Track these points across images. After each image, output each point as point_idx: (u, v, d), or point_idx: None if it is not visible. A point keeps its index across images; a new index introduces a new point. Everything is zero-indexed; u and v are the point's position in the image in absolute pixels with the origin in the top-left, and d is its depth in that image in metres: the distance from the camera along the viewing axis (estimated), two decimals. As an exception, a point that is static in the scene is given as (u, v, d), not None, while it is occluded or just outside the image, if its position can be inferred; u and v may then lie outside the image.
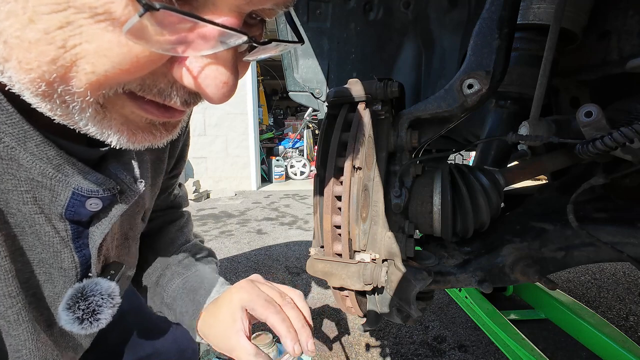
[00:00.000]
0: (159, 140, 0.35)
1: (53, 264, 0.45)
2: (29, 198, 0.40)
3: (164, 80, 0.29)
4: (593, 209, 0.64)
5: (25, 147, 0.37)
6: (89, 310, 0.47)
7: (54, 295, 0.47)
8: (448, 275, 0.62)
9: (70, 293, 0.47)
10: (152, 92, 0.30)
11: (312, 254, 0.58)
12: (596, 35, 0.75)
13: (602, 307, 1.86)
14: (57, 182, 0.40)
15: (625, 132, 0.46)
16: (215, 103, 0.30)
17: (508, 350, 1.29)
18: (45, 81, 0.26)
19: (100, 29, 0.24)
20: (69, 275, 0.47)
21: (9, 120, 0.35)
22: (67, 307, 0.46)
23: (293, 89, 1.20)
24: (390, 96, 0.57)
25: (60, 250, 0.45)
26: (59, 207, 0.42)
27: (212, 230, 3.42)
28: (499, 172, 0.66)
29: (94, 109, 0.29)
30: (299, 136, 7.25)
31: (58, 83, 0.26)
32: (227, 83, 0.29)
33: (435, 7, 1.02)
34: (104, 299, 0.48)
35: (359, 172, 0.52)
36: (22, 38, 0.24)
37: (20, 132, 0.36)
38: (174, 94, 0.31)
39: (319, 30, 1.11)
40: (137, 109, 0.31)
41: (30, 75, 0.26)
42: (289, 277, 2.30)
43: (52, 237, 0.43)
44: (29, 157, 0.37)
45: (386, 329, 1.70)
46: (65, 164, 0.40)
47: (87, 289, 0.47)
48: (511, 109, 0.84)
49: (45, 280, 0.46)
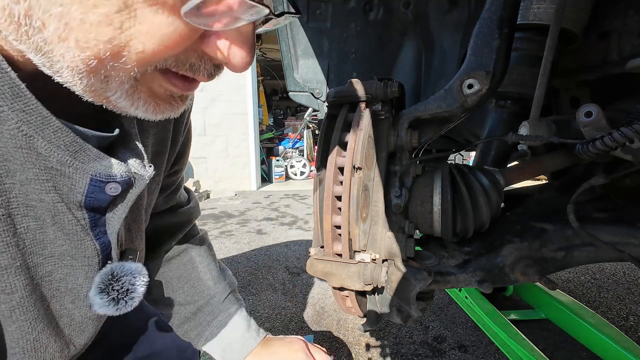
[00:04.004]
0: (176, 110, 0.40)
1: (75, 255, 0.46)
2: (50, 187, 0.40)
3: (194, 55, 0.34)
4: (593, 209, 0.64)
5: (43, 134, 0.37)
6: (123, 290, 0.49)
7: (78, 287, 0.47)
8: (448, 275, 0.62)
9: (100, 278, 0.48)
10: (185, 67, 0.34)
11: (312, 254, 0.58)
12: (596, 35, 0.75)
13: (602, 307, 1.86)
14: (74, 169, 0.40)
15: (625, 132, 0.46)
16: (238, 71, 0.35)
17: (508, 350, 1.29)
18: (98, 58, 0.29)
19: (152, 11, 0.28)
20: (91, 264, 0.47)
21: (27, 108, 0.35)
22: (99, 291, 0.48)
23: (293, 89, 1.20)
24: (390, 96, 0.57)
25: (83, 238, 0.45)
26: (79, 195, 0.42)
27: (212, 231, 3.42)
28: (499, 172, 0.66)
29: (130, 83, 0.33)
30: (299, 136, 7.24)
31: (109, 60, 0.30)
32: (250, 53, 0.34)
33: (435, 7, 1.02)
34: (135, 278, 0.50)
35: (359, 172, 0.52)
36: (85, 20, 0.28)
37: (39, 118, 0.36)
38: (202, 68, 0.35)
39: (319, 30, 1.11)
40: (166, 82, 0.36)
41: (85, 53, 0.29)
42: (289, 277, 2.30)
43: (74, 225, 0.44)
44: (47, 145, 0.38)
45: (386, 329, 1.70)
46: (81, 151, 0.40)
47: (116, 271, 0.49)
48: (511, 109, 0.84)
49: (67, 273, 0.46)
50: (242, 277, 2.29)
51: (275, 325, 1.74)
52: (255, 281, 2.24)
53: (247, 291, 2.09)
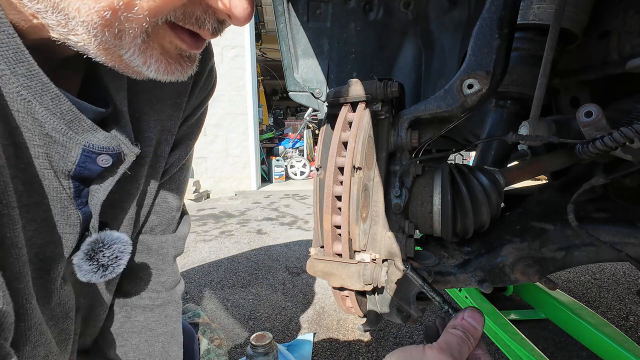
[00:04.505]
0: (185, 72, 0.41)
1: (59, 221, 0.46)
2: (41, 153, 0.41)
3: (199, 8, 0.36)
4: (593, 209, 0.64)
5: (41, 100, 0.38)
6: (112, 257, 0.50)
7: (56, 256, 0.47)
8: (448, 275, 0.62)
9: (89, 245, 0.49)
10: (191, 21, 0.36)
11: (312, 254, 0.58)
12: (596, 35, 0.75)
13: (602, 307, 1.86)
14: (67, 138, 0.41)
15: (625, 132, 0.46)
16: (240, 23, 0.37)
17: (508, 350, 1.29)
18: (112, 9, 0.31)
19: None
20: (73, 232, 0.48)
21: (29, 73, 0.36)
22: (88, 258, 0.48)
23: (293, 89, 1.20)
24: (390, 96, 0.57)
25: (67, 207, 0.46)
26: (70, 164, 0.43)
27: (212, 230, 3.42)
28: (499, 172, 0.66)
29: (142, 38, 0.35)
30: (299, 136, 7.25)
31: (122, 10, 0.31)
32: (250, 5, 0.36)
33: (435, 7, 1.02)
34: (124, 246, 0.52)
35: (359, 172, 0.52)
36: None
37: (39, 84, 0.37)
38: (207, 22, 0.37)
39: (319, 30, 1.11)
40: (175, 38, 0.37)
41: (100, 4, 0.31)
42: (289, 277, 2.30)
43: (60, 192, 0.44)
44: (44, 111, 0.39)
45: (386, 329, 1.70)
46: (76, 121, 0.41)
47: (106, 239, 0.50)
48: (511, 109, 0.84)
49: (48, 241, 0.46)
50: (242, 277, 2.30)
51: (275, 325, 1.74)
52: (255, 281, 2.24)
53: (247, 291, 2.09)
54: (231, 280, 2.25)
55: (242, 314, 1.83)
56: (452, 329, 0.40)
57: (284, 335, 1.64)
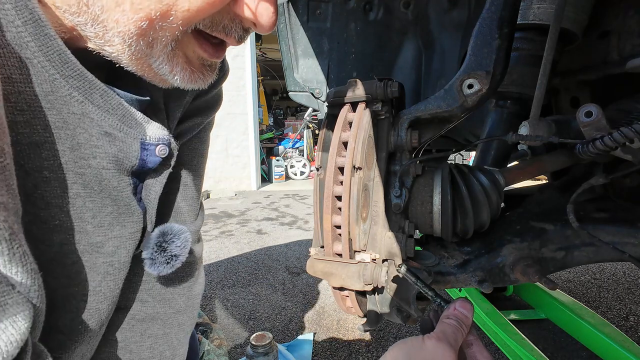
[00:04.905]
0: (207, 80, 0.42)
1: (125, 221, 0.46)
2: (100, 152, 0.41)
3: (227, 16, 0.37)
4: (593, 209, 0.64)
5: (92, 99, 0.38)
6: (183, 246, 0.52)
7: (127, 260, 0.48)
8: (448, 275, 0.62)
9: (160, 238, 0.50)
10: (218, 29, 0.37)
11: (312, 254, 0.58)
12: (596, 35, 0.75)
13: (602, 307, 1.86)
14: (125, 134, 0.42)
15: (625, 132, 0.46)
16: (265, 31, 0.38)
17: (508, 350, 1.29)
18: (149, 19, 0.32)
19: None
20: (138, 229, 0.49)
21: (76, 74, 0.37)
22: (161, 250, 0.50)
23: (293, 89, 1.20)
24: (390, 96, 0.57)
25: (129, 203, 0.46)
26: (133, 159, 0.43)
27: (212, 231, 3.42)
28: (499, 172, 0.66)
29: (171, 46, 0.36)
30: (299, 136, 7.24)
31: (158, 20, 0.33)
32: (275, 12, 0.37)
33: (435, 7, 1.02)
34: (189, 234, 0.54)
35: (359, 172, 0.52)
36: None
37: (86, 83, 0.38)
38: (234, 29, 0.38)
39: (319, 30, 1.11)
40: (198, 47, 0.39)
41: (138, 14, 0.32)
42: (289, 277, 2.30)
43: (120, 191, 0.45)
44: (97, 110, 0.39)
45: (386, 329, 1.70)
46: (128, 115, 0.42)
47: (173, 229, 0.52)
48: (511, 109, 0.84)
49: (118, 246, 0.46)
50: (242, 277, 2.29)
51: (275, 325, 1.74)
52: (255, 281, 2.24)
53: (247, 291, 2.09)
54: (231, 280, 2.25)
55: (242, 314, 1.83)
56: (446, 319, 0.43)
57: (284, 335, 1.64)
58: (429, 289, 0.51)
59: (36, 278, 0.31)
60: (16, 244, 0.29)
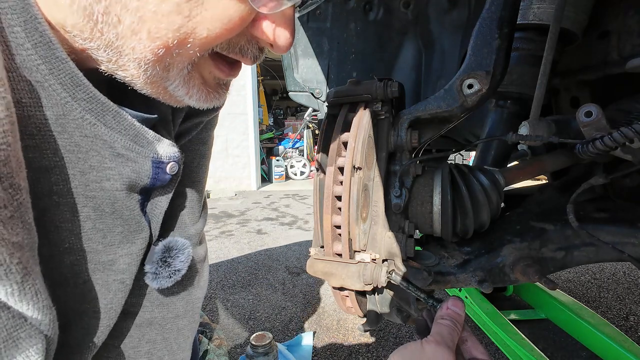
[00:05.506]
0: (221, 98, 0.43)
1: (134, 238, 0.46)
2: (113, 174, 0.41)
3: (244, 38, 0.37)
4: (593, 209, 0.64)
5: (105, 121, 0.38)
6: (186, 260, 0.52)
7: (135, 274, 0.49)
8: (448, 275, 0.62)
9: (165, 253, 0.50)
10: (235, 50, 0.37)
11: (312, 254, 0.58)
12: (596, 35, 0.75)
13: (602, 307, 1.86)
14: (136, 154, 0.42)
15: (625, 132, 0.46)
16: (282, 52, 0.38)
17: (508, 350, 1.29)
18: (166, 47, 0.32)
19: None
20: (144, 245, 0.49)
21: (88, 96, 0.36)
22: (166, 265, 0.50)
23: (293, 89, 1.20)
24: (390, 96, 0.57)
25: (139, 221, 0.47)
26: (145, 178, 0.43)
27: (212, 231, 3.42)
28: (499, 172, 0.66)
29: (188, 69, 0.35)
30: (299, 136, 7.24)
31: (175, 47, 0.32)
32: (292, 34, 0.37)
33: (435, 7, 1.02)
34: (190, 248, 0.54)
35: (359, 172, 0.52)
36: (157, 12, 0.30)
37: (98, 105, 0.37)
38: (250, 50, 0.38)
39: (319, 30, 1.12)
40: (214, 68, 0.38)
41: (155, 42, 0.31)
42: (289, 277, 2.30)
43: (131, 210, 0.45)
44: (109, 131, 0.39)
45: (386, 329, 1.70)
46: (140, 135, 0.42)
47: (177, 243, 0.52)
48: (511, 109, 0.84)
49: (129, 263, 0.47)
50: (242, 277, 2.29)
51: (275, 325, 1.74)
52: (255, 281, 2.24)
53: (247, 291, 2.09)
54: (231, 280, 2.25)
55: (242, 314, 1.83)
56: (441, 319, 0.45)
57: (284, 335, 1.64)
58: (420, 290, 0.52)
59: (48, 313, 0.31)
60: (28, 284, 0.29)
